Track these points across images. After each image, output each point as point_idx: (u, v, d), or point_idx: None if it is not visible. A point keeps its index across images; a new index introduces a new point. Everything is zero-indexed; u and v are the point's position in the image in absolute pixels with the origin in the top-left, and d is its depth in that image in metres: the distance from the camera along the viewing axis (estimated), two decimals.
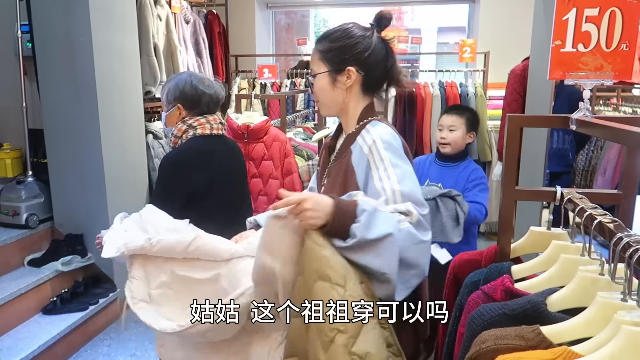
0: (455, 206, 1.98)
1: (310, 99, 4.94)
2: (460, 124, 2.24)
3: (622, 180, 1.09)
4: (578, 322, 0.80)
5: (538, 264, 1.04)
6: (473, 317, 0.94)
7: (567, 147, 3.45)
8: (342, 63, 1.24)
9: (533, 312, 0.87)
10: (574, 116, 1.02)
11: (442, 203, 1.97)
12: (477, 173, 2.21)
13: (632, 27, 0.93)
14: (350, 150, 1.23)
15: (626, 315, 0.72)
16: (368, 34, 1.25)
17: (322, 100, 1.30)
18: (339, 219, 0.98)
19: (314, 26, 9.53)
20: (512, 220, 1.15)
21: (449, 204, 1.98)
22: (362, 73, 1.24)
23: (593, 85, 0.99)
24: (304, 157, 2.75)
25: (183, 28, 4.37)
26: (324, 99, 1.29)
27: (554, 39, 0.97)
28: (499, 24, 5.00)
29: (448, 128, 2.25)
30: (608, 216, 0.88)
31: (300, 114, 3.99)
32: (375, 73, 1.26)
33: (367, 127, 1.24)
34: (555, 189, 1.06)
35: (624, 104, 4.24)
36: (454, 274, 1.23)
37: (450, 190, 1.99)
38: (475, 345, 0.87)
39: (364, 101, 1.28)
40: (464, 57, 4.42)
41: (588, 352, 0.73)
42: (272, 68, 3.04)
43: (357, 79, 1.25)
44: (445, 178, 2.23)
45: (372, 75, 1.26)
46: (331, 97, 1.28)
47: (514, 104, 3.40)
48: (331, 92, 1.27)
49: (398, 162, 1.15)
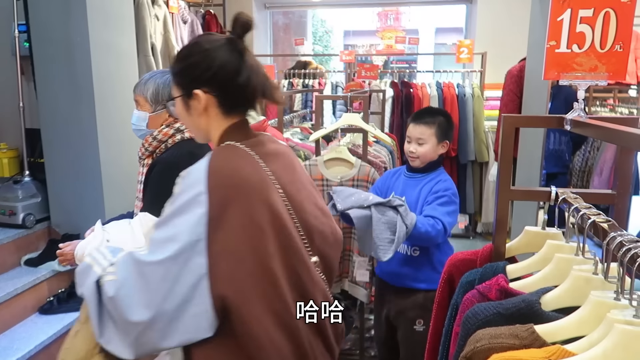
0: (395, 217, 1.72)
1: (307, 100, 4.95)
2: (429, 136, 1.97)
3: (617, 180, 1.09)
4: (571, 321, 0.81)
5: (533, 264, 1.04)
6: (468, 316, 0.94)
7: (563, 148, 3.47)
8: (189, 86, 1.07)
9: (527, 311, 0.88)
10: (569, 116, 1.03)
11: (376, 212, 1.72)
12: (442, 185, 1.95)
13: (626, 28, 0.94)
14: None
15: (619, 314, 0.72)
16: (213, 48, 1.06)
17: (186, 127, 1.22)
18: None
19: (311, 26, 9.55)
20: (507, 220, 1.16)
21: (388, 214, 1.72)
22: (215, 94, 1.07)
23: (587, 85, 1.00)
24: (301, 157, 2.75)
25: (181, 28, 4.37)
26: (186, 125, 1.18)
27: (549, 40, 0.98)
28: (496, 24, 5.02)
29: (416, 140, 1.99)
30: (602, 216, 0.89)
31: (298, 114, 3.99)
32: (229, 92, 1.08)
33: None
34: (550, 189, 1.06)
35: (621, 104, 4.27)
36: (448, 273, 1.23)
37: (392, 199, 1.76)
38: (469, 344, 0.87)
39: (226, 122, 1.11)
40: (461, 57, 4.44)
41: (581, 351, 0.74)
42: (269, 68, 3.05)
43: (212, 102, 1.07)
44: (408, 190, 2.02)
45: (227, 95, 1.08)
46: (191, 123, 1.13)
47: (511, 104, 3.42)
48: (189, 119, 1.12)
49: (171, 211, 0.99)
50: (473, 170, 4.72)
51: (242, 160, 1.04)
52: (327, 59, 10.53)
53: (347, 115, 2.57)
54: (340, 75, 5.71)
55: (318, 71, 5.30)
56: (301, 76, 5.14)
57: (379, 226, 1.69)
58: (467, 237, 4.94)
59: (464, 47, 4.42)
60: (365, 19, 9.93)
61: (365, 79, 4.24)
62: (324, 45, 13.01)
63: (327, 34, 13.48)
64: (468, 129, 4.52)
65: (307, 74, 5.15)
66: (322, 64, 6.53)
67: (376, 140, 3.12)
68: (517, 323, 0.84)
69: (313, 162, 2.51)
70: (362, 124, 2.54)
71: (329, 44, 13.31)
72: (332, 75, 5.62)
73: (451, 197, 1.92)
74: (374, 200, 1.73)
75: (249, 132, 1.14)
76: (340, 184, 2.44)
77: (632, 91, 4.47)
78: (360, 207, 1.78)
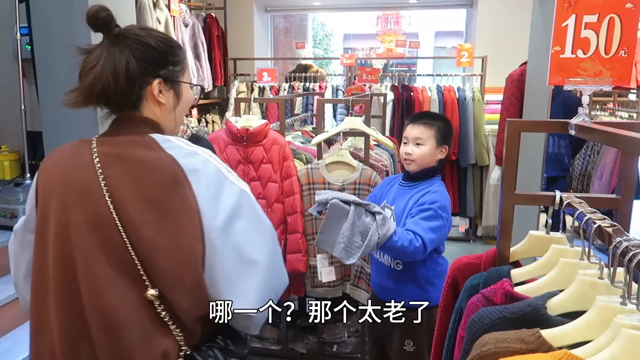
0: (371, 224, 1.58)
1: (308, 103, 4.96)
2: (428, 137, 1.84)
3: (621, 184, 1.10)
4: (578, 325, 0.81)
5: (537, 268, 1.04)
6: (473, 320, 0.94)
7: (562, 152, 3.48)
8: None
9: (533, 315, 0.88)
10: (574, 121, 1.03)
11: (354, 212, 1.58)
12: (430, 197, 1.77)
13: (631, 34, 0.94)
14: None
15: (625, 319, 0.72)
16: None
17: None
18: None
19: (312, 30, 9.56)
20: (512, 224, 1.16)
21: (364, 219, 1.59)
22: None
23: (592, 91, 1.01)
24: (302, 160, 2.75)
25: (182, 31, 4.38)
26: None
27: (554, 45, 0.98)
28: (496, 28, 5.04)
29: (414, 141, 1.87)
30: (607, 220, 0.89)
31: (299, 117, 4.00)
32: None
33: None
34: (554, 194, 1.07)
35: (620, 108, 4.28)
36: (452, 277, 1.24)
37: (371, 204, 1.62)
38: (475, 349, 0.87)
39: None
40: (461, 61, 4.45)
41: (588, 356, 0.74)
42: (271, 72, 3.05)
43: None
44: (398, 200, 1.88)
45: None
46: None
47: (512, 108, 3.42)
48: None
49: None
50: (473, 173, 4.73)
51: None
52: (327, 62, 10.55)
53: (348, 119, 2.58)
54: (341, 78, 5.72)
55: (319, 74, 5.31)
56: (302, 79, 5.15)
57: (351, 228, 1.57)
58: (468, 240, 4.95)
59: (465, 50, 4.43)
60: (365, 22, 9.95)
61: (366, 83, 4.24)
62: (324, 48, 13.02)
63: (327, 37, 13.50)
64: (468, 132, 4.53)
65: (308, 77, 5.16)
66: (322, 68, 6.54)
67: (377, 144, 3.12)
68: (522, 327, 0.85)
69: (315, 166, 2.51)
70: (363, 128, 2.54)
71: (329, 47, 13.33)
72: (332, 78, 5.63)
73: (437, 212, 1.73)
74: (356, 200, 1.61)
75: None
76: (342, 188, 2.44)
77: (631, 95, 4.49)
78: (343, 200, 1.62)
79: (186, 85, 1.09)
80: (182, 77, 1.08)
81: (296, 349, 2.81)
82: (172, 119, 1.08)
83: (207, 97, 5.26)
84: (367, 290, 2.50)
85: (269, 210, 2.42)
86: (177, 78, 1.06)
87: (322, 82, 5.21)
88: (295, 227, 2.43)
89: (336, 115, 4.87)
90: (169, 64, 1.05)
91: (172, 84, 1.06)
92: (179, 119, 1.10)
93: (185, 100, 1.10)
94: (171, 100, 1.06)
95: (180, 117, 1.10)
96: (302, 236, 2.44)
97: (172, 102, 1.06)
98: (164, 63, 1.04)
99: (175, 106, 1.07)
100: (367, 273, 2.47)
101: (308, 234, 2.51)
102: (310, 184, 2.49)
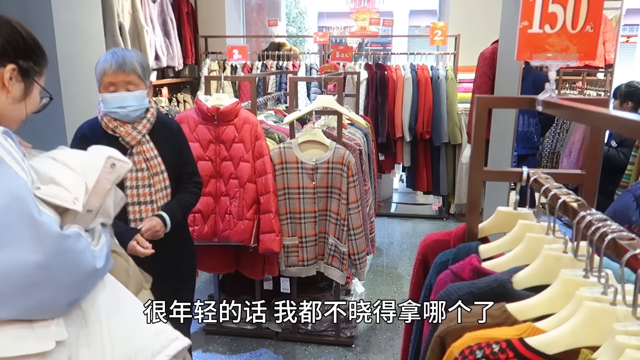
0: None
1: (282, 82, 4.90)
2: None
3: (585, 160, 1.11)
4: (542, 298, 0.82)
5: (505, 244, 1.05)
6: (441, 296, 0.95)
7: (532, 130, 3.53)
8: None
9: (499, 290, 0.89)
10: (540, 97, 1.03)
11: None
12: None
13: (597, 9, 0.94)
14: None
15: (587, 292, 0.74)
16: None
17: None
18: None
19: (285, 7, 9.40)
20: (480, 201, 1.17)
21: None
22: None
23: (559, 66, 1.01)
24: (275, 140, 2.72)
25: (150, 7, 4.24)
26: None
27: (522, 20, 0.97)
28: (469, 7, 5.03)
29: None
30: (572, 195, 0.90)
31: (272, 96, 3.95)
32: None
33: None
34: (521, 170, 1.07)
35: (589, 87, 4.35)
36: (423, 254, 1.24)
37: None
38: (443, 324, 0.89)
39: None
40: (435, 40, 4.44)
41: (551, 328, 0.75)
42: (241, 49, 2.98)
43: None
44: None
45: None
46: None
47: (483, 86, 3.45)
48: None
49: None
50: (447, 152, 4.77)
51: None
52: (301, 40, 10.41)
53: (321, 98, 2.55)
54: (315, 57, 5.66)
55: (292, 53, 5.23)
56: (275, 58, 5.07)
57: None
58: (441, 218, 5.02)
59: (438, 29, 4.41)
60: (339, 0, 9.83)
61: (340, 61, 4.20)
62: (297, 26, 12.85)
63: (301, 16, 13.31)
64: (442, 111, 4.55)
65: (281, 56, 5.08)
66: (296, 46, 6.45)
67: (351, 123, 3.11)
68: (490, 302, 0.86)
69: (287, 145, 2.49)
70: (336, 106, 2.52)
71: (302, 26, 13.15)
72: (306, 57, 5.56)
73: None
74: None
75: None
76: (315, 167, 2.43)
77: (600, 74, 4.57)
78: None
79: (37, 89, 1.05)
80: (37, 79, 1.04)
81: (271, 327, 2.83)
82: (12, 111, 1.01)
83: (178, 76, 5.14)
84: (341, 269, 2.51)
85: (242, 190, 2.39)
86: (32, 76, 1.03)
87: (295, 60, 5.14)
88: (268, 207, 2.41)
89: (310, 94, 4.82)
90: (31, 59, 1.02)
91: (26, 80, 1.01)
92: (17, 115, 1.03)
93: (31, 101, 1.05)
94: (18, 93, 1.00)
95: (18, 113, 1.03)
96: (276, 216, 2.43)
97: (18, 95, 1.01)
98: (26, 55, 1.01)
99: (19, 100, 1.01)
100: (340, 252, 2.48)
101: (281, 214, 2.50)
102: (283, 163, 2.47)
